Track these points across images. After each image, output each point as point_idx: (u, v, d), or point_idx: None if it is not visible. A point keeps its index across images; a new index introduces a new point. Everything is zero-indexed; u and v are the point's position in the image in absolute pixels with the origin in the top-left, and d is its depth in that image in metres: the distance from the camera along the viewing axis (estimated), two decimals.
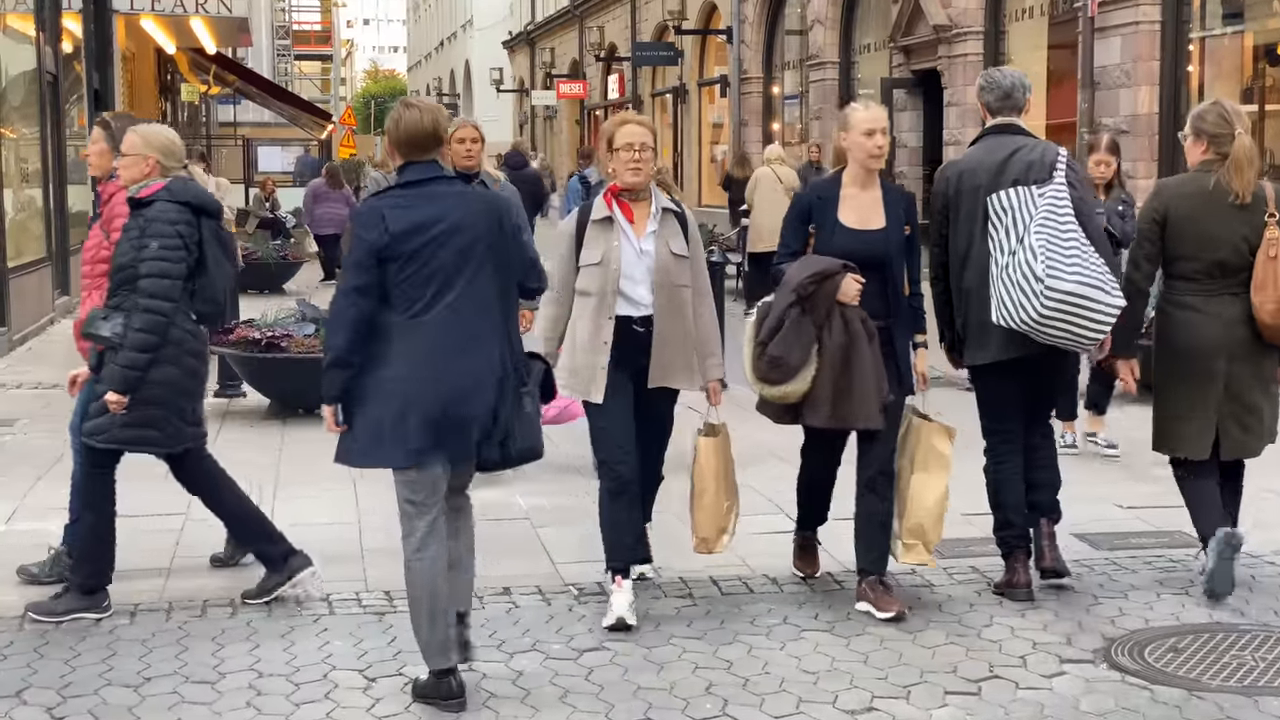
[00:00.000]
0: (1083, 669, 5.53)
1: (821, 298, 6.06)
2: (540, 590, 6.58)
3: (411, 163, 5.27)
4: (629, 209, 6.23)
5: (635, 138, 6.17)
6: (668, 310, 6.18)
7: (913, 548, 6.31)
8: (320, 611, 6.28)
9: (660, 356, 6.21)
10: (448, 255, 5.13)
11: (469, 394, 5.14)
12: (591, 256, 6.17)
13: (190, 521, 7.76)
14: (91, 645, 5.85)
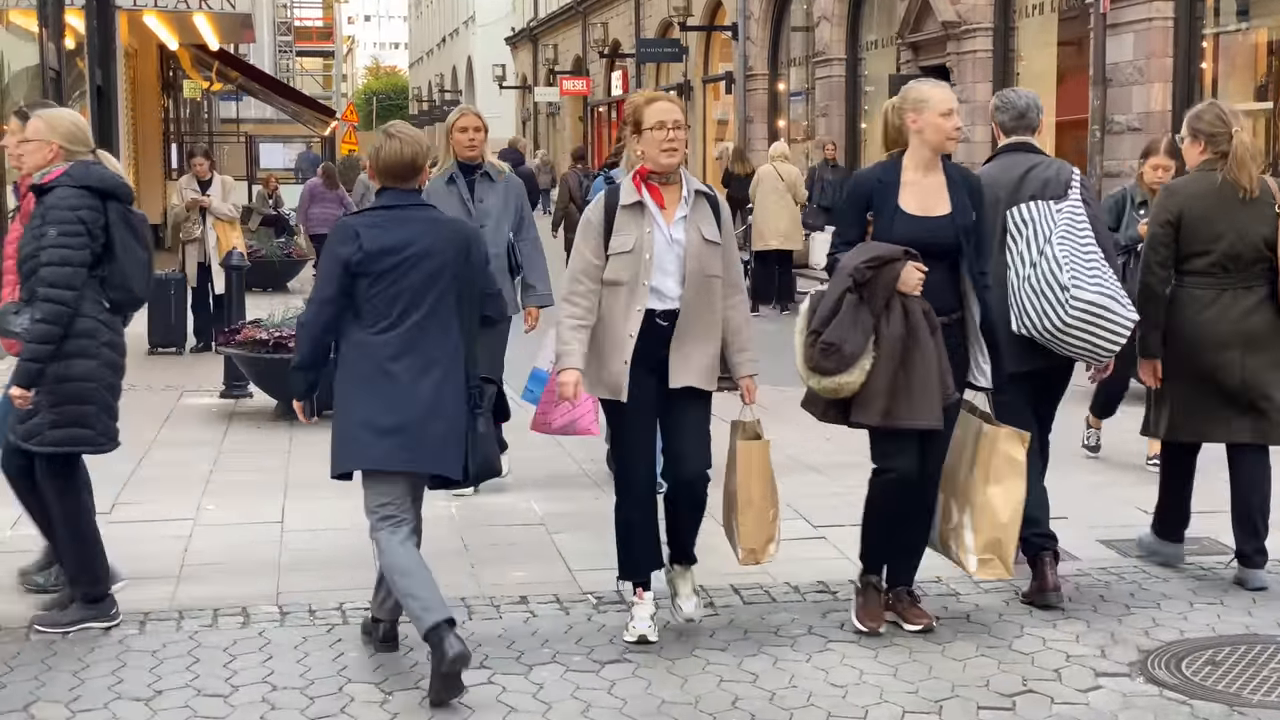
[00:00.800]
0: (1119, 683, 5.39)
1: (880, 286, 5.64)
2: (558, 599, 6.43)
3: (389, 188, 5.57)
4: (659, 193, 5.79)
5: (667, 115, 5.71)
6: (696, 304, 5.76)
7: (988, 563, 5.95)
8: (334, 620, 6.13)
9: (681, 353, 5.77)
10: (416, 278, 5.42)
11: (429, 410, 5.40)
12: (623, 244, 5.72)
13: (199, 527, 7.63)
14: (101, 656, 5.71)
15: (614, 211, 5.77)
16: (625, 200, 5.78)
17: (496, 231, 8.04)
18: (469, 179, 8.14)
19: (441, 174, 8.12)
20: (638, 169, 5.79)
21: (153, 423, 10.58)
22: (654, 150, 5.72)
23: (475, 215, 7.91)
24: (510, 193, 8.23)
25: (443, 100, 73.43)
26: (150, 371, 13.28)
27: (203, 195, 14.31)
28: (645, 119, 5.73)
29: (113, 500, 8.12)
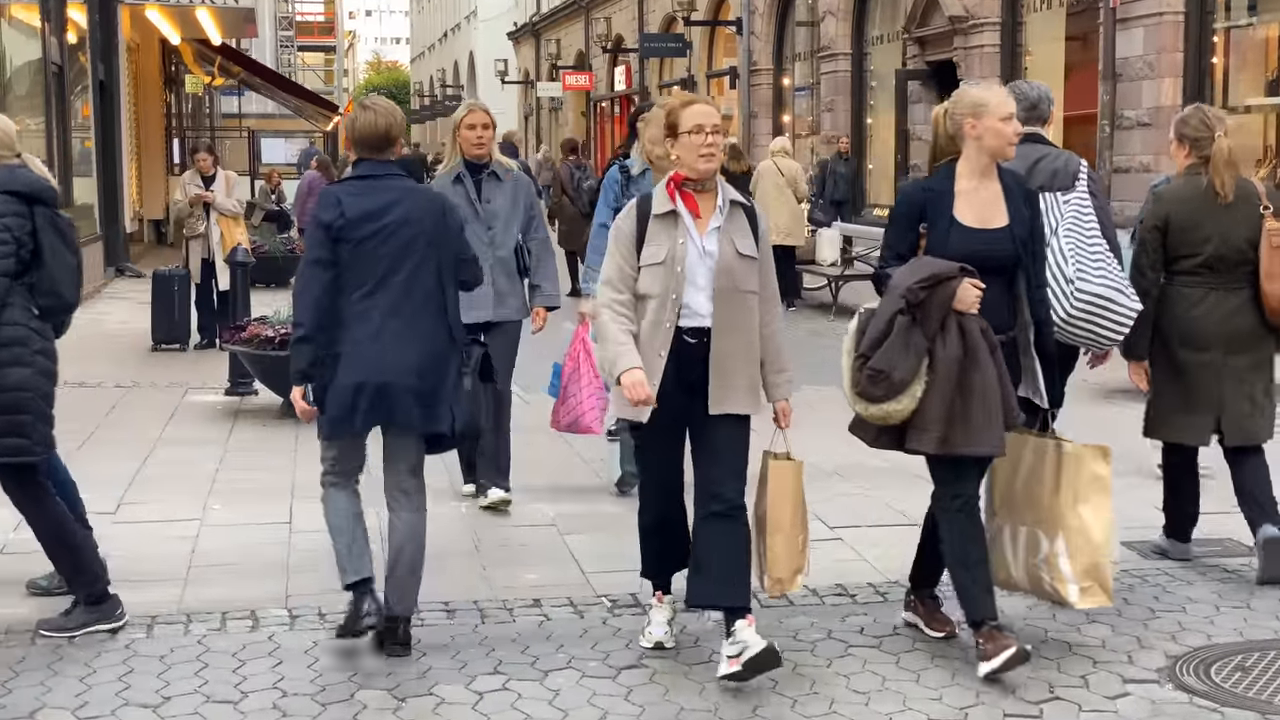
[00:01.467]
0: (1147, 689, 5.27)
1: (935, 305, 5.25)
2: (572, 602, 6.32)
3: (365, 159, 5.80)
4: (694, 201, 5.42)
5: (707, 119, 5.35)
6: (729, 322, 5.36)
7: (1089, 590, 5.53)
8: None
9: (721, 376, 5.37)
10: (396, 243, 5.64)
11: (410, 369, 5.60)
12: (654, 255, 5.36)
13: (206, 528, 7.52)
14: (108, 662, 5.60)
15: (646, 220, 5.43)
16: (659, 209, 5.42)
17: (504, 233, 7.73)
18: (476, 178, 7.69)
19: (448, 172, 7.72)
20: (671, 175, 5.46)
21: (157, 421, 10.48)
22: (691, 156, 5.37)
23: (483, 216, 7.62)
24: (519, 192, 7.84)
25: (444, 95, 73.27)
26: (154, 369, 13.18)
27: (206, 190, 14.19)
28: (682, 122, 5.39)
29: (118, 500, 8.03)
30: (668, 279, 5.36)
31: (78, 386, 11.99)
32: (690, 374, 5.39)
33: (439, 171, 7.84)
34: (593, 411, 7.75)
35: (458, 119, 7.74)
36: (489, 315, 7.60)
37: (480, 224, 7.56)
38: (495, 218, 7.69)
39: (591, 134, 46.69)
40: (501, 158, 7.87)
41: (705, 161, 5.36)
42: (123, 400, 11.43)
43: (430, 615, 6.12)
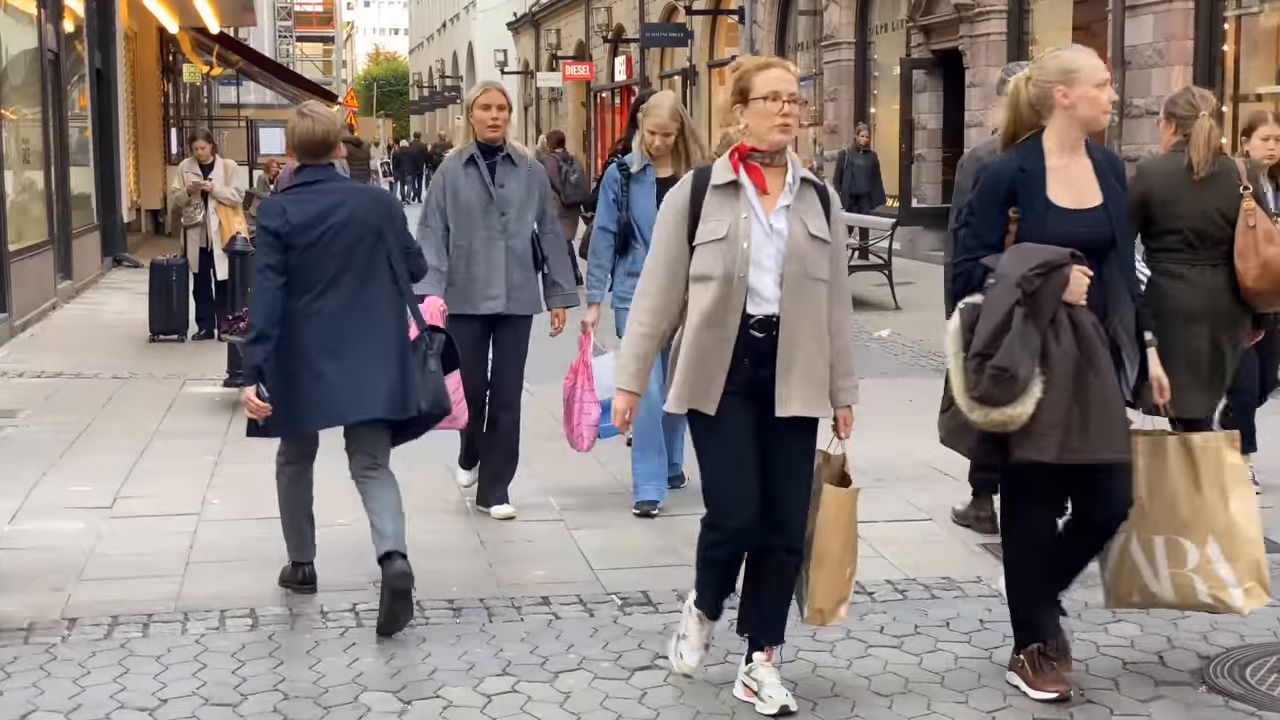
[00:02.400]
0: (1181, 692, 5.08)
1: (1047, 296, 4.70)
2: (581, 600, 6.13)
3: (306, 165, 5.97)
4: (759, 175, 4.81)
5: (784, 85, 4.76)
6: (799, 310, 4.76)
7: (1251, 590, 5.03)
8: (347, 623, 5.84)
9: (788, 373, 4.77)
10: (343, 243, 5.81)
11: (373, 362, 5.80)
12: (714, 230, 4.76)
13: (204, 522, 7.33)
14: (102, 662, 5.41)
15: (702, 192, 4.83)
16: (718, 179, 4.82)
17: (519, 221, 7.25)
18: (490, 161, 7.23)
19: (458, 155, 7.29)
20: (735, 146, 4.85)
21: (155, 412, 10.30)
22: (764, 124, 4.76)
23: (496, 201, 7.19)
24: (533, 179, 7.36)
25: (443, 86, 73.05)
26: (152, 359, 13.00)
27: (204, 179, 13.99)
28: (755, 87, 4.78)
29: (114, 494, 7.85)
30: (731, 257, 4.74)
31: (74, 378, 11.85)
32: (755, 370, 4.79)
33: (449, 153, 7.49)
34: (580, 429, 7.41)
35: (471, 99, 7.31)
36: (501, 308, 7.25)
37: (494, 210, 7.21)
38: (509, 204, 7.23)
39: (592, 125, 46.47)
40: (515, 143, 7.42)
41: (780, 132, 4.75)
42: (120, 391, 11.24)
43: (435, 613, 5.95)
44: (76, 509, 7.54)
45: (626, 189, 7.42)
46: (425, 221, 7.24)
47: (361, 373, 5.78)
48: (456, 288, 7.18)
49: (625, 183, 7.44)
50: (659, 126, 7.32)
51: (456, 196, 7.21)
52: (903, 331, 14.72)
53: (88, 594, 6.19)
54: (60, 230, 17.68)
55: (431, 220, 7.25)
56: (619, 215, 7.43)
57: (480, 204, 7.19)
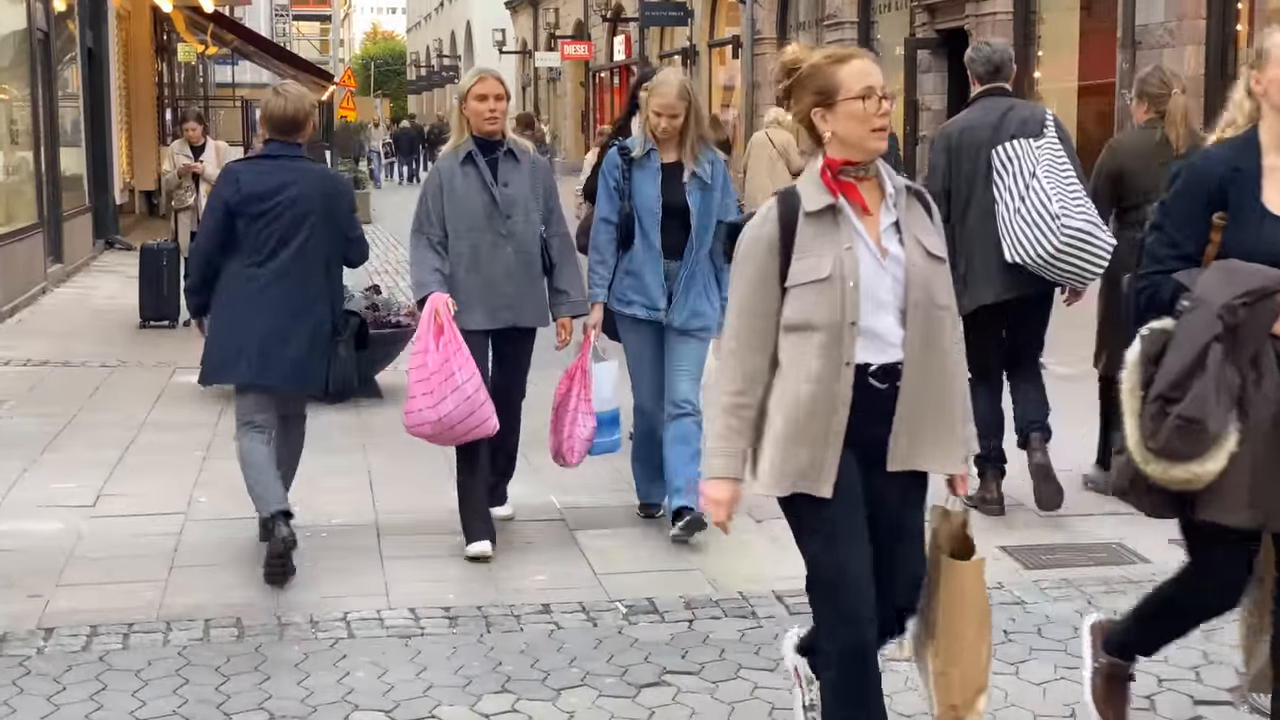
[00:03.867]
0: (1222, 713, 4.80)
1: (1252, 330, 3.86)
2: (584, 607, 5.84)
3: (274, 140, 6.35)
4: (856, 192, 3.89)
5: (876, 79, 3.85)
6: (928, 348, 3.86)
7: None
8: (338, 634, 5.54)
9: (910, 422, 3.88)
10: (286, 220, 6.22)
11: (289, 335, 6.23)
12: (813, 268, 3.81)
13: (190, 522, 7.04)
14: (79, 677, 5.11)
15: (794, 224, 3.87)
16: (812, 204, 3.87)
17: (525, 223, 6.56)
18: (490, 158, 6.52)
19: (453, 151, 6.54)
20: (824, 160, 3.90)
21: (143, 403, 9.99)
22: (859, 130, 3.83)
23: (501, 203, 6.48)
24: (538, 176, 6.65)
25: (441, 66, 72.59)
26: (141, 346, 12.69)
27: (195, 161, 13.66)
28: (844, 85, 3.84)
29: (97, 491, 7.55)
30: (835, 300, 3.80)
31: (62, 366, 11.56)
32: (872, 429, 3.84)
33: (443, 150, 6.72)
34: (571, 441, 6.77)
35: (465, 89, 6.54)
36: (509, 320, 6.57)
37: (498, 213, 6.49)
38: (514, 205, 6.52)
39: (590, 105, 46.10)
40: (516, 137, 6.75)
41: (878, 139, 3.85)
42: (108, 381, 10.93)
43: (430, 623, 5.66)
44: (57, 507, 7.24)
45: (628, 176, 6.67)
46: (419, 228, 6.51)
47: (274, 343, 6.23)
48: (458, 299, 6.41)
49: (627, 169, 6.68)
50: (665, 107, 6.59)
51: (454, 198, 6.48)
52: None
53: (66, 601, 5.90)
54: (50, 212, 17.37)
55: (426, 226, 6.50)
56: (620, 205, 6.66)
57: (481, 206, 6.48)
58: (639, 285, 6.64)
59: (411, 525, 6.94)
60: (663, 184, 6.62)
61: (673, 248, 6.62)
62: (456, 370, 6.16)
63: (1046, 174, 6.58)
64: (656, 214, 6.60)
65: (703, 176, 6.63)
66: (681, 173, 6.63)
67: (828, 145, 3.89)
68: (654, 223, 6.60)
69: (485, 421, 6.28)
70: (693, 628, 5.61)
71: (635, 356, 6.82)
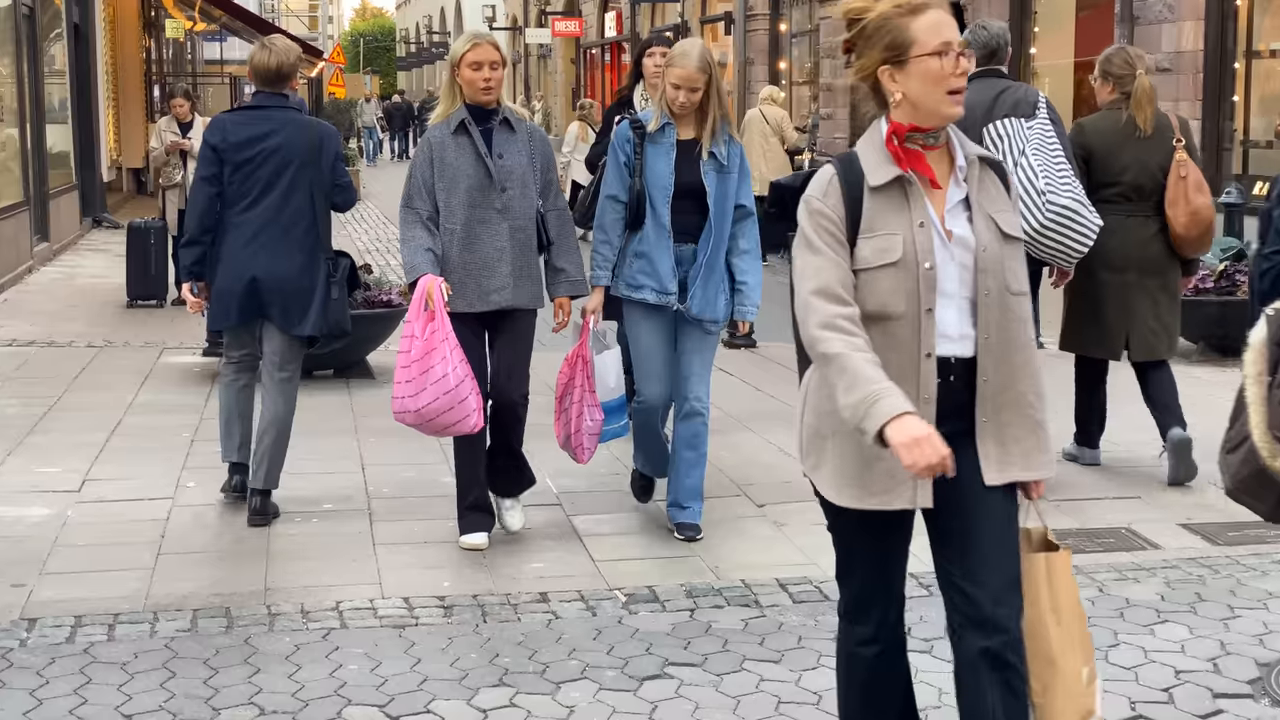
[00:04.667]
0: (1242, 706, 4.64)
1: None
2: (582, 596, 5.69)
3: (261, 91, 6.70)
4: (924, 163, 3.42)
5: (952, 34, 3.35)
6: (1005, 340, 3.42)
7: None
8: (330, 624, 5.38)
9: (999, 428, 3.44)
10: (270, 166, 6.49)
11: (278, 275, 6.48)
12: (883, 249, 3.36)
13: (178, 508, 6.86)
14: (63, 670, 4.95)
15: (859, 196, 3.39)
16: (877, 178, 3.40)
17: (522, 198, 6.15)
18: (484, 127, 6.12)
19: (444, 120, 6.14)
20: (890, 126, 3.43)
21: (130, 383, 9.82)
22: (934, 92, 3.35)
23: (496, 176, 6.08)
24: (535, 147, 6.24)
25: (430, 42, 72.20)
26: (129, 325, 12.52)
27: (183, 138, 13.45)
28: (917, 39, 3.34)
29: (83, 476, 7.38)
30: (911, 284, 3.36)
31: (47, 346, 11.39)
32: (941, 430, 3.25)
33: (431, 118, 6.31)
34: (580, 435, 6.34)
35: (457, 55, 6.08)
36: (503, 301, 6.14)
37: (493, 186, 6.08)
38: (510, 177, 6.11)
39: (581, 82, 45.82)
40: (512, 105, 6.33)
41: (954, 103, 3.37)
42: (94, 361, 10.74)
43: (424, 612, 5.50)
44: (42, 492, 7.07)
45: (640, 151, 6.20)
46: (409, 203, 6.12)
47: (266, 285, 6.48)
48: (449, 279, 6.03)
49: (639, 144, 6.21)
50: (685, 79, 6.06)
51: (445, 171, 6.07)
52: None
53: (50, 590, 5.73)
54: (37, 190, 17.15)
55: (417, 201, 6.10)
56: (631, 182, 6.20)
57: (475, 179, 6.06)
58: (649, 268, 6.18)
59: (404, 510, 6.79)
60: (677, 162, 6.17)
61: (685, 230, 6.18)
62: (438, 361, 5.81)
63: (1035, 153, 6.65)
64: (669, 192, 6.16)
65: (720, 158, 6.18)
66: (698, 151, 6.17)
67: (895, 108, 3.40)
68: (665, 202, 6.15)
69: (466, 418, 5.92)
70: (694, 617, 5.46)
71: (645, 345, 6.30)
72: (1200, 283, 10.17)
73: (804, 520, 6.53)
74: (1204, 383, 9.53)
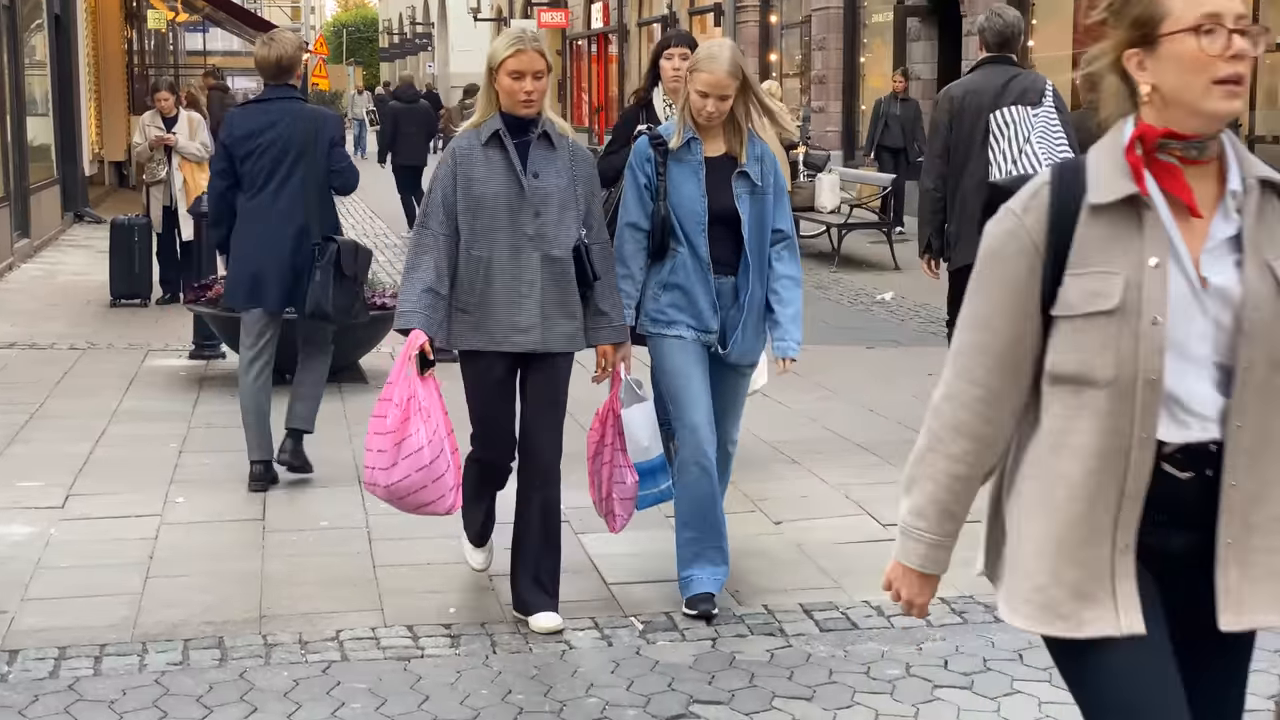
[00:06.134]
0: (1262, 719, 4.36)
1: None
2: (596, 624, 5.38)
3: (268, 84, 7.12)
4: (1181, 182, 2.58)
5: (1226, 4, 2.50)
6: (1265, 430, 2.59)
7: None
8: (330, 656, 5.07)
9: (1246, 545, 2.60)
10: (270, 156, 6.91)
11: (276, 260, 6.91)
12: (1094, 293, 2.56)
13: (166, 526, 6.54)
14: (47, 709, 4.63)
15: (1073, 219, 2.61)
16: (1101, 194, 2.60)
17: (558, 225, 5.23)
18: (520, 140, 5.23)
19: (475, 129, 5.27)
20: (1135, 127, 2.61)
21: (114, 389, 9.47)
22: (1196, 84, 2.52)
23: (529, 197, 5.19)
24: (579, 166, 5.31)
25: (414, 33, 71.69)
26: (113, 326, 12.17)
27: (168, 133, 13.09)
28: (1174, 12, 2.53)
29: (66, 491, 7.04)
30: (1129, 344, 2.55)
31: (29, 348, 11.05)
32: (1166, 539, 2.62)
33: (462, 127, 5.41)
34: (612, 503, 5.49)
35: (496, 58, 5.21)
36: (531, 344, 5.23)
37: (526, 208, 5.19)
38: (547, 201, 5.23)
39: (567, 74, 45.47)
40: (554, 115, 5.36)
41: (1226, 98, 2.52)
42: (76, 365, 10.39)
43: (430, 642, 5.19)
44: (24, 509, 6.74)
45: (664, 171, 5.44)
46: (424, 223, 5.25)
47: (267, 269, 6.93)
48: (470, 315, 5.21)
49: (663, 163, 5.44)
50: (714, 86, 5.32)
51: (471, 187, 5.20)
52: (906, 294, 13.97)
53: (33, 618, 5.41)
54: (17, 185, 16.79)
55: (433, 222, 5.22)
56: (654, 207, 5.42)
57: (506, 200, 5.18)
58: (685, 302, 5.41)
59: (405, 528, 6.44)
60: (708, 179, 5.40)
61: (723, 261, 5.41)
62: (414, 432, 5.01)
63: (1040, 140, 6.74)
64: (701, 218, 5.38)
65: (752, 176, 5.41)
66: (731, 168, 5.42)
67: (1145, 105, 2.60)
68: (699, 230, 5.38)
69: (441, 498, 5.14)
70: (716, 647, 5.16)
71: (680, 369, 5.45)
72: None
73: (824, 538, 6.25)
74: None
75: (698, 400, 5.42)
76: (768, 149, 5.51)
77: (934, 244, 7.41)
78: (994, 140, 6.93)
